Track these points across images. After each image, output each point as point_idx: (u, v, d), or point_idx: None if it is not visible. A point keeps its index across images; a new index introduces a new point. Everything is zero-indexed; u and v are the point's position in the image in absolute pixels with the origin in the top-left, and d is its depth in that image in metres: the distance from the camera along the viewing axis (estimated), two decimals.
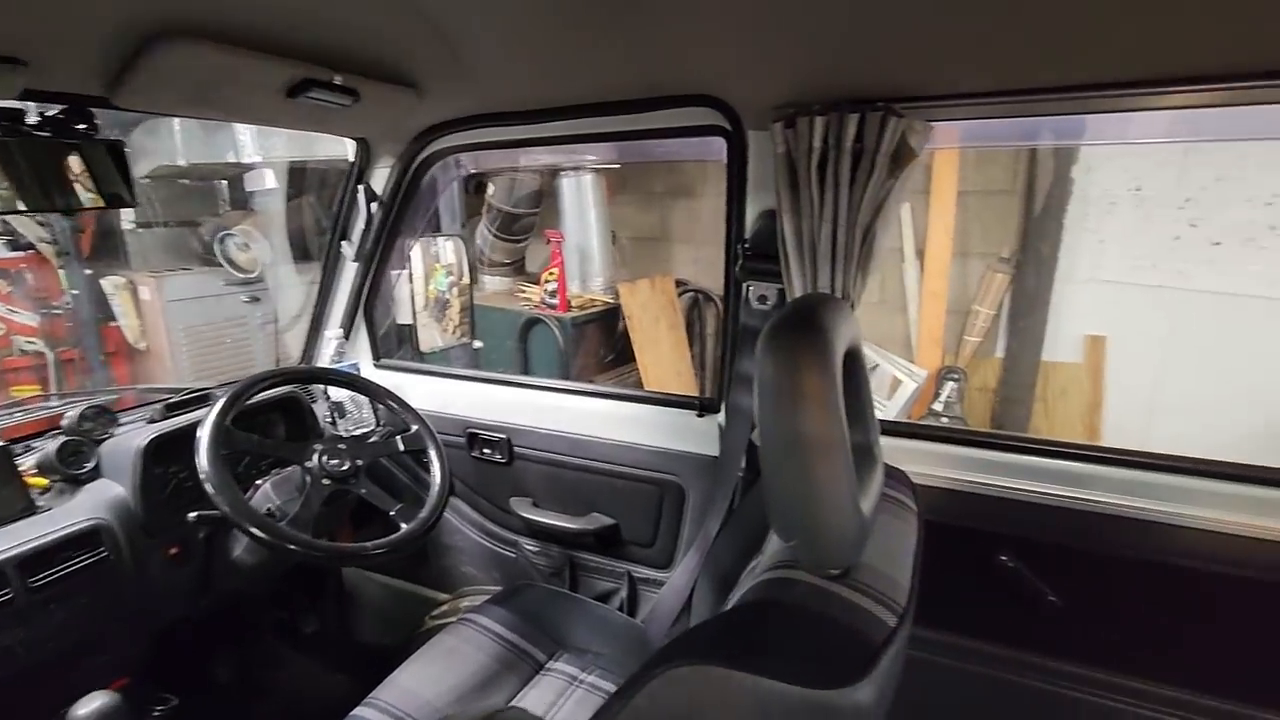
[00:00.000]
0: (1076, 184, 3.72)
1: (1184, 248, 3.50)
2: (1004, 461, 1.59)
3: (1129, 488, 1.48)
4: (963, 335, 4.07)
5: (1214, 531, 1.41)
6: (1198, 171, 3.42)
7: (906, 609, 0.96)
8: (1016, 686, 1.63)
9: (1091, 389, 3.72)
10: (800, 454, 0.87)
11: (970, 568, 1.62)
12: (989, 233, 3.94)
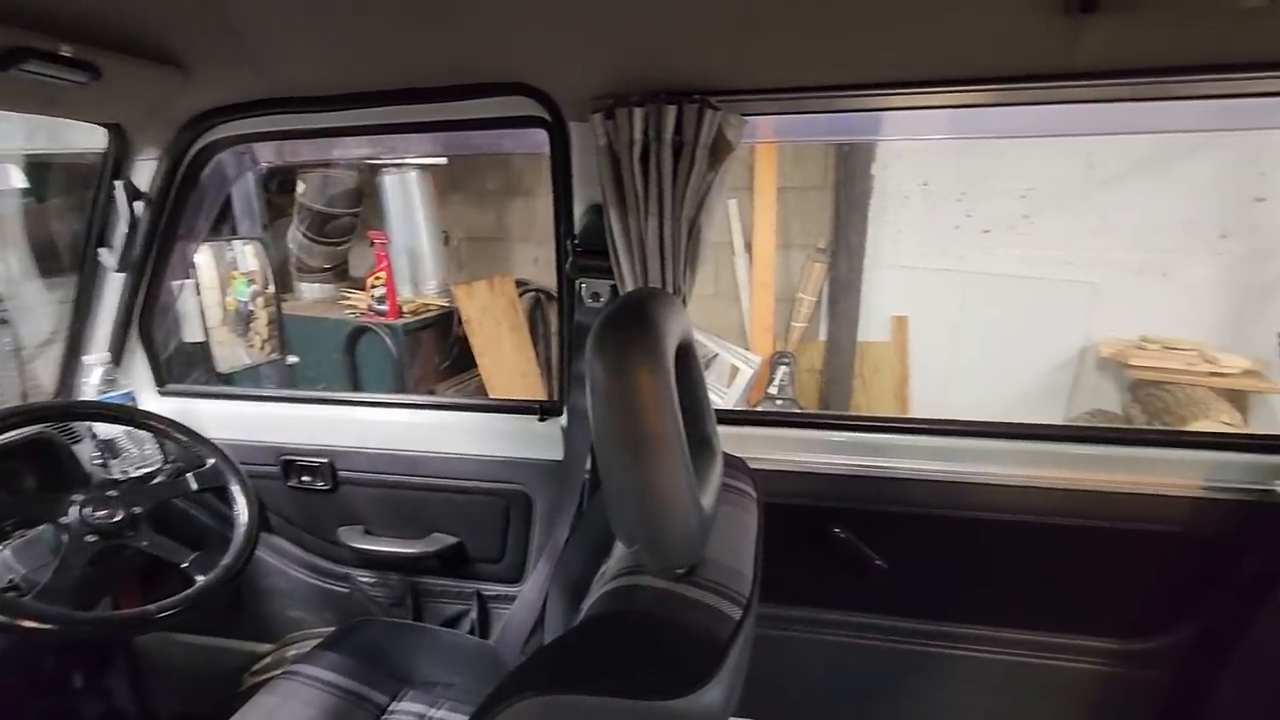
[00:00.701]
0: (876, 180, 4.12)
1: (963, 235, 4.01)
2: (831, 440, 1.69)
3: (935, 453, 1.63)
4: (790, 322, 4.36)
5: (1002, 485, 1.59)
6: (969, 168, 3.93)
7: (750, 599, 0.96)
8: (858, 647, 1.75)
9: (899, 364, 4.15)
10: (636, 454, 0.84)
11: (809, 543, 1.71)
12: (807, 225, 4.25)
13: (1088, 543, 1.58)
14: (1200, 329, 3.63)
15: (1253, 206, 3.49)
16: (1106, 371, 3.75)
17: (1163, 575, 1.59)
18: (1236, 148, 3.49)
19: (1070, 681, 1.67)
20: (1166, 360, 3.47)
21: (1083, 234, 3.77)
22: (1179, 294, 3.68)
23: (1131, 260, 3.74)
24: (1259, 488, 1.47)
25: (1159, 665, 1.62)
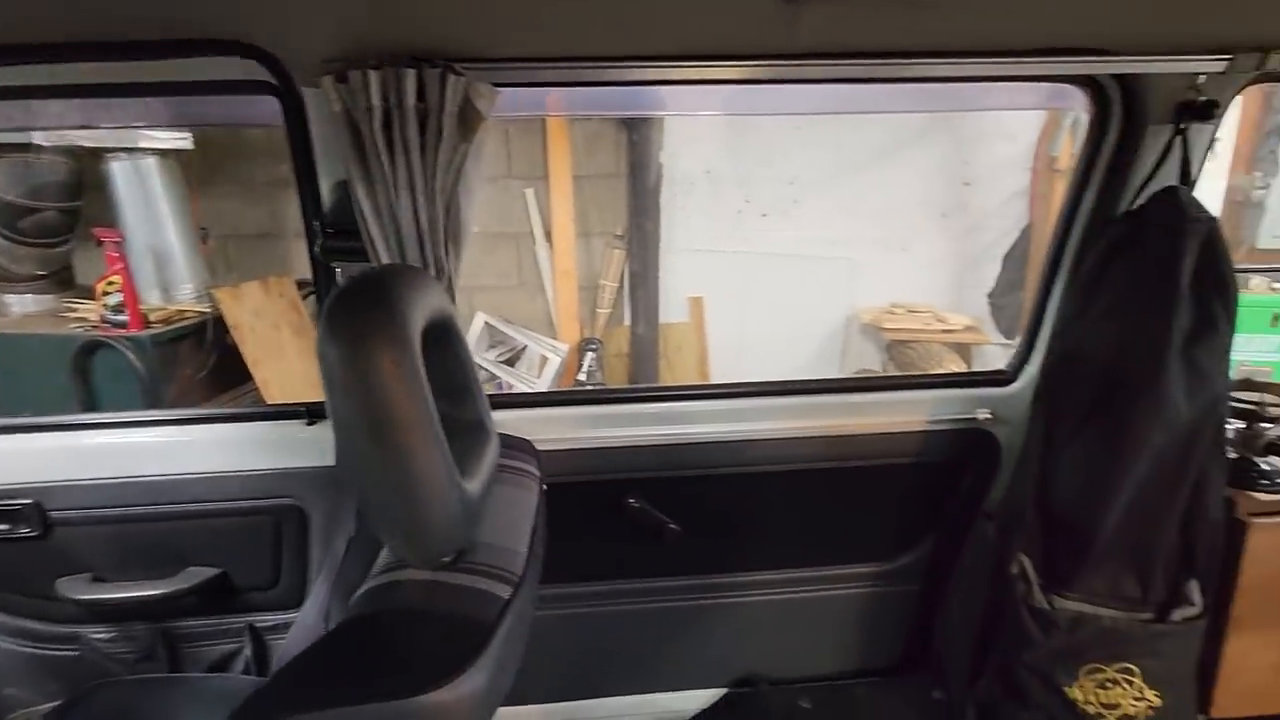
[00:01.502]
0: (666, 167, 4.31)
1: (745, 219, 4.34)
2: (625, 413, 1.72)
3: (716, 416, 1.73)
4: (595, 308, 4.42)
5: (774, 439, 1.73)
6: (745, 156, 4.26)
7: (524, 575, 0.94)
8: (658, 611, 1.82)
9: (698, 342, 4.41)
10: (382, 443, 0.77)
11: (608, 516, 1.74)
12: (605, 213, 4.33)
13: (845, 481, 1.78)
14: (933, 294, 4.29)
15: (962, 190, 4.19)
16: (868, 335, 4.30)
17: (905, 501, 1.84)
18: (949, 138, 4.16)
19: (842, 606, 1.88)
20: (910, 322, 4.06)
21: (840, 215, 4.27)
22: (917, 265, 4.31)
23: (879, 238, 4.31)
24: (967, 417, 1.75)
25: (908, 579, 1.88)
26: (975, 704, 1.62)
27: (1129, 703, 1.43)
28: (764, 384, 1.77)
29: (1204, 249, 1.35)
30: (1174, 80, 1.38)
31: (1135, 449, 1.37)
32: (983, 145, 4.17)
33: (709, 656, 1.90)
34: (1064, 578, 1.49)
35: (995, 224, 4.19)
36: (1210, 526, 1.44)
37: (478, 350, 4.22)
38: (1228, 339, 1.37)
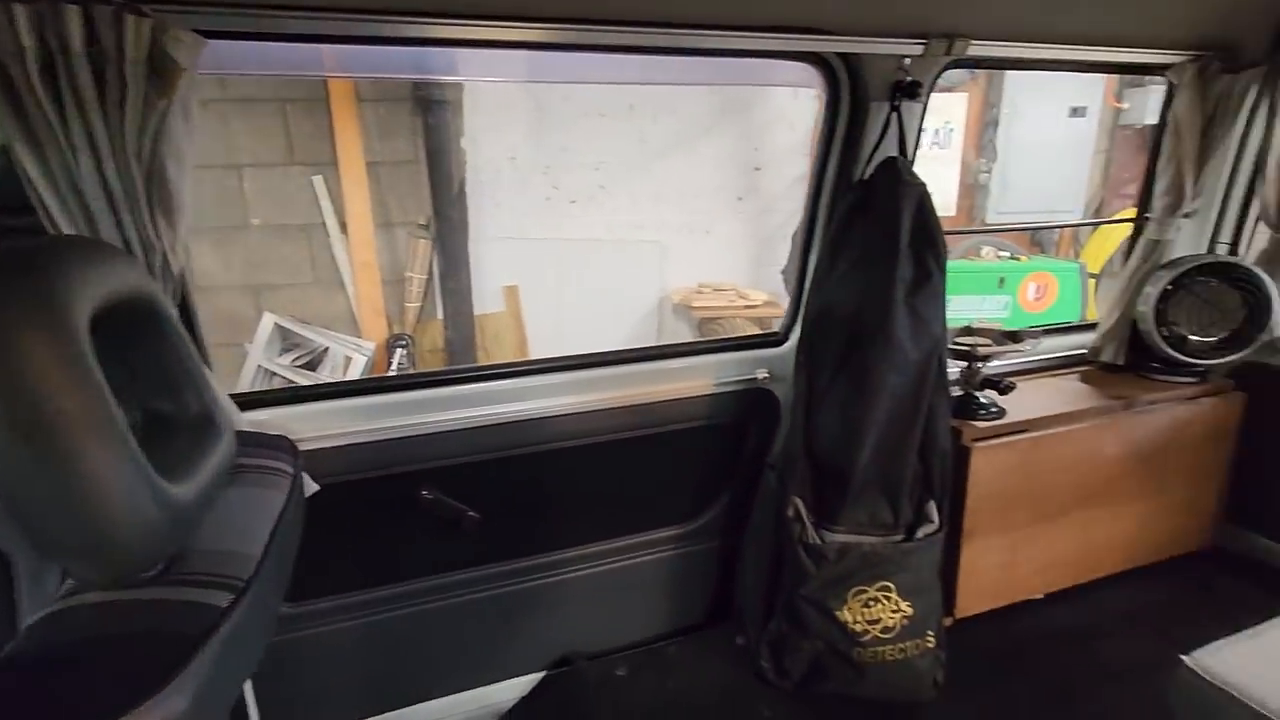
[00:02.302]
0: (468, 154, 4.16)
1: (554, 206, 4.33)
2: (414, 400, 1.62)
3: (512, 395, 1.68)
4: (404, 302, 4.17)
5: (572, 414, 1.72)
6: (549, 142, 4.24)
7: (254, 578, 0.84)
8: (469, 603, 1.74)
9: (517, 331, 4.33)
10: (32, 442, 0.63)
11: (402, 512, 1.64)
12: (405, 202, 4.09)
13: (642, 449, 1.83)
14: (735, 273, 4.58)
15: (753, 175, 4.51)
16: (680, 315, 4.49)
17: (699, 462, 1.93)
18: (739, 127, 4.45)
19: (650, 571, 1.93)
20: (716, 300, 4.30)
21: (647, 202, 4.40)
22: (719, 247, 4.57)
23: (684, 222, 4.51)
24: (748, 378, 1.87)
25: (708, 537, 1.97)
26: (768, 642, 1.74)
27: (888, 615, 1.62)
28: (555, 360, 1.76)
29: (918, 210, 1.54)
30: (886, 62, 1.56)
31: (876, 392, 1.54)
32: (769, 133, 4.51)
33: (525, 642, 1.87)
34: (831, 514, 1.64)
35: (783, 206, 4.56)
36: (941, 453, 1.66)
37: (268, 355, 3.80)
38: (941, 288, 1.59)
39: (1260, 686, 1.27)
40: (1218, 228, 2.19)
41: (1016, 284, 4.14)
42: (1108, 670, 1.80)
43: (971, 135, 4.83)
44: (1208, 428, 2.12)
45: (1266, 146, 1.95)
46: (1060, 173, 4.91)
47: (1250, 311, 2.01)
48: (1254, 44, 1.88)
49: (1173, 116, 1.95)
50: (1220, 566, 2.20)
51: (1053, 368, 2.26)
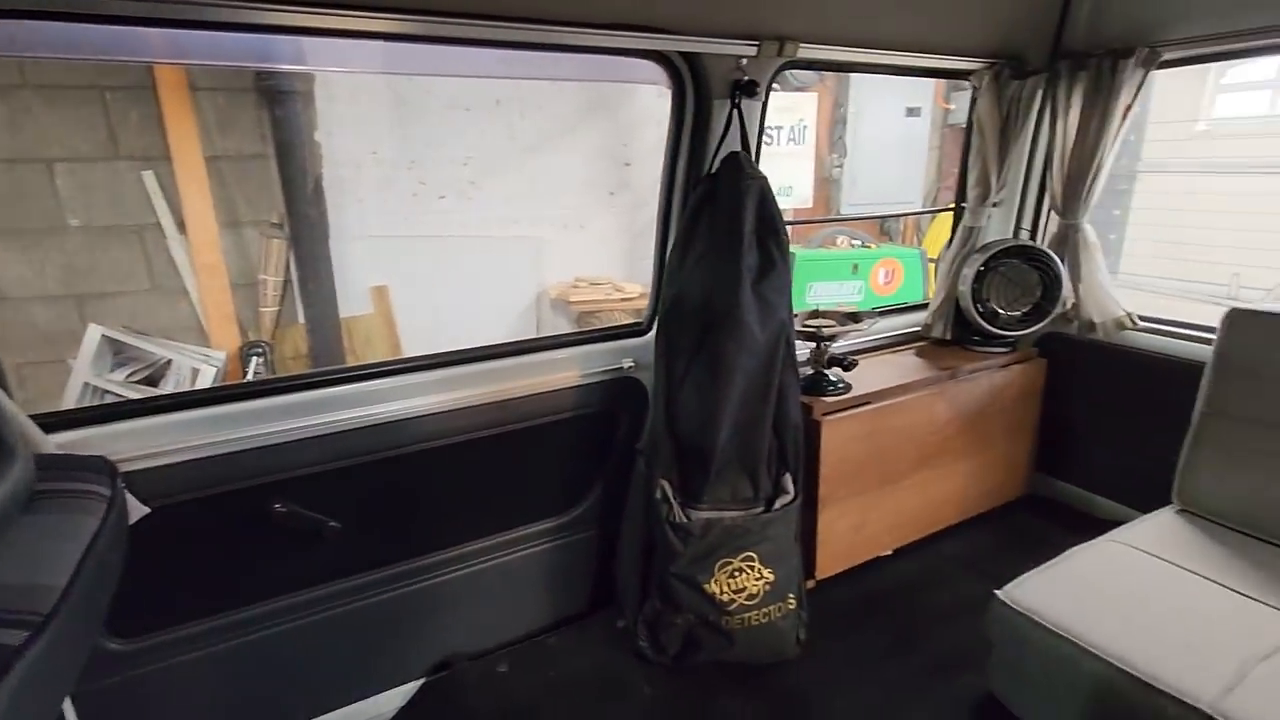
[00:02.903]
0: (324, 148, 3.92)
1: (422, 202, 4.18)
2: (264, 408, 1.52)
3: (372, 397, 1.63)
4: (259, 308, 3.88)
5: (438, 412, 1.69)
6: (414, 137, 4.09)
7: (54, 613, 0.77)
8: (338, 617, 1.67)
9: (388, 333, 4.15)
10: None
11: (254, 528, 1.54)
12: (253, 199, 3.79)
13: (515, 443, 1.83)
14: (611, 266, 4.64)
15: (624, 170, 4.58)
16: (558, 309, 4.49)
17: (573, 453, 1.95)
18: (608, 124, 4.50)
19: (529, 565, 1.94)
20: (593, 294, 4.34)
21: (519, 197, 4.36)
22: (594, 241, 4.61)
23: (558, 217, 4.50)
24: (615, 367, 1.91)
25: (586, 526, 2.01)
26: (645, 622, 1.81)
27: (752, 583, 1.72)
28: (420, 358, 1.72)
29: (760, 202, 1.65)
30: (724, 62, 1.65)
31: (729, 374, 1.63)
32: (638, 131, 4.60)
33: (402, 650, 1.81)
34: (696, 493, 1.72)
35: (655, 200, 4.67)
36: (794, 428, 1.78)
37: (97, 370, 3.41)
38: (786, 275, 1.70)
39: (1053, 608, 1.48)
40: (1020, 215, 2.49)
41: (868, 270, 4.49)
42: (944, 612, 2.02)
43: (823, 133, 5.18)
44: (1019, 390, 2.42)
45: (1051, 144, 2.24)
46: (901, 168, 5.37)
47: (1046, 288, 2.31)
48: (1036, 55, 2.17)
49: (976, 117, 2.21)
50: (1033, 511, 2.52)
51: (891, 345, 2.49)
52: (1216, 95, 4.61)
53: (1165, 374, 2.07)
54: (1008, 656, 1.59)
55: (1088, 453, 2.45)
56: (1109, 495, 2.38)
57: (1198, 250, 4.49)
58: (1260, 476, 1.70)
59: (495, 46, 1.51)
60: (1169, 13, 1.98)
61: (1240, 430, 1.76)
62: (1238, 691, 1.24)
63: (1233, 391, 1.77)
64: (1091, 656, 1.37)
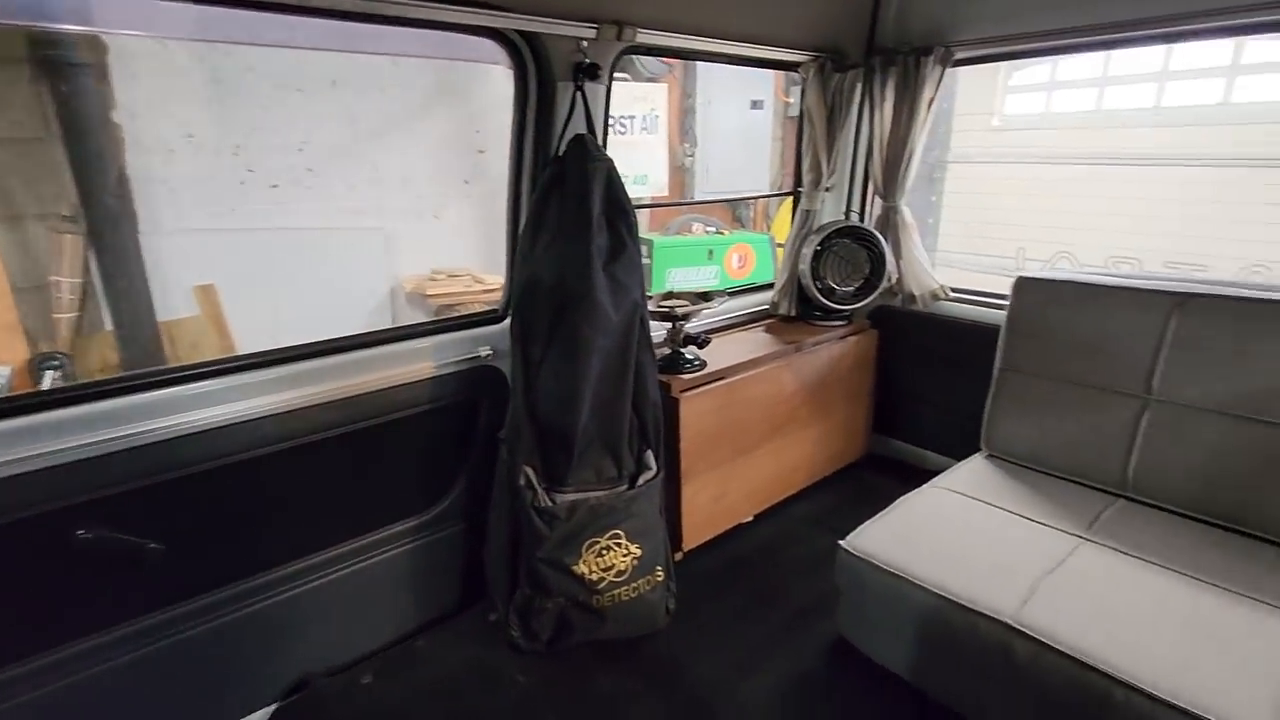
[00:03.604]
0: (126, 131, 3.46)
1: (251, 191, 3.81)
2: (58, 420, 1.32)
3: (200, 400, 1.47)
4: (52, 314, 3.36)
5: (277, 414, 1.55)
6: (236, 120, 3.71)
7: None
8: (170, 649, 1.49)
9: (219, 336, 3.75)
10: None
11: (49, 563, 1.34)
12: (37, 189, 3.27)
13: (369, 442, 1.73)
14: (469, 258, 4.51)
15: (478, 158, 4.45)
16: (415, 303, 4.29)
17: (433, 447, 1.88)
18: (458, 110, 4.34)
19: (392, 568, 1.84)
20: (452, 286, 4.19)
21: (363, 185, 4.10)
22: (449, 232, 4.45)
23: (409, 207, 4.29)
24: (473, 356, 1.86)
25: (452, 521, 1.94)
26: (515, 611, 1.78)
27: (620, 560, 1.76)
28: (252, 356, 1.57)
29: (607, 184, 1.67)
30: (565, 43, 1.65)
31: (586, 355, 1.65)
32: (491, 116, 4.47)
33: (252, 676, 1.66)
34: (560, 476, 1.72)
35: None
36: (653, 405, 1.83)
37: None
38: (636, 256, 1.74)
39: (886, 551, 1.64)
40: (849, 198, 2.71)
41: (723, 255, 4.70)
42: (799, 568, 2.17)
43: (674, 123, 5.33)
44: (856, 360, 2.64)
45: (871, 133, 2.46)
46: (749, 157, 5.66)
47: (873, 264, 2.54)
48: (854, 50, 2.36)
49: (806, 107, 2.37)
50: (873, 469, 2.77)
51: (742, 323, 2.62)
52: (1006, 95, 5.29)
53: (973, 338, 2.35)
54: (853, 600, 1.74)
55: (916, 412, 2.73)
56: (935, 449, 2.67)
57: (996, 229, 5.16)
58: (1045, 421, 1.99)
59: (319, 15, 1.41)
60: (960, 16, 2.23)
61: (1029, 382, 2.03)
62: (1031, 603, 1.44)
63: (1021, 349, 2.05)
64: (919, 589, 1.53)
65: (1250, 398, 1.65)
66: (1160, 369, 1.79)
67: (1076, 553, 1.61)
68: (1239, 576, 1.50)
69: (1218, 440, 1.70)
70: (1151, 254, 4.49)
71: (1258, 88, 4.22)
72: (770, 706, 1.66)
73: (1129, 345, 1.83)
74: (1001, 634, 1.40)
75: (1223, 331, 1.69)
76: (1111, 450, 1.87)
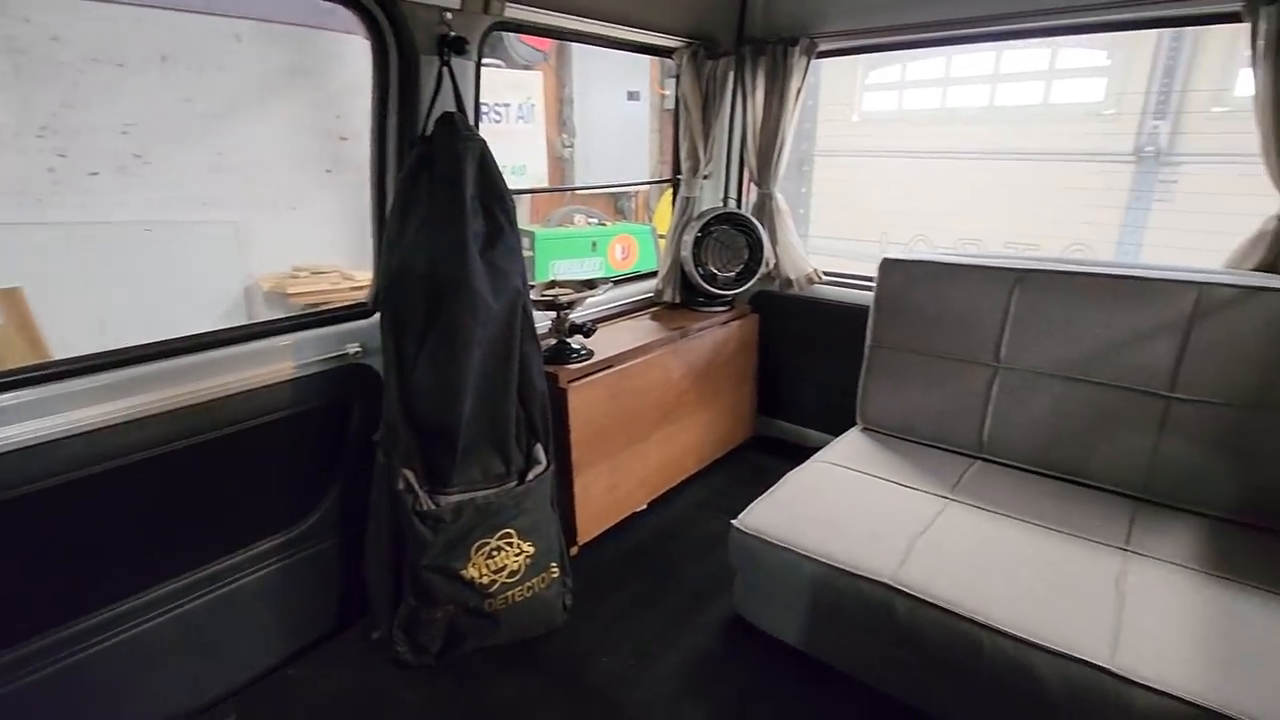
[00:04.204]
0: None
1: (65, 179, 3.32)
2: None
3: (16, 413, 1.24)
4: None
5: (119, 423, 1.35)
6: (43, 97, 3.21)
7: None
8: None
9: (27, 347, 3.24)
10: None
11: None
12: None
13: (221, 454, 1.53)
14: (337, 252, 4.19)
15: (340, 145, 4.14)
16: (274, 303, 3.92)
17: (299, 455, 1.71)
18: (314, 92, 4.01)
19: (258, 591, 1.65)
20: (317, 284, 3.87)
21: (208, 173, 3.69)
22: (312, 224, 4.10)
23: (262, 197, 3.91)
24: (339, 354, 1.71)
25: (326, 534, 1.77)
26: (400, 625, 1.67)
27: (512, 560, 1.68)
28: (69, 361, 1.35)
29: (480, 165, 1.58)
30: (428, 14, 1.54)
31: (466, 346, 1.55)
32: (352, 99, 4.16)
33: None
34: (444, 478, 1.62)
35: None
36: (540, 397, 1.76)
37: None
38: (515, 242, 1.66)
39: (776, 526, 1.68)
40: (726, 185, 2.77)
41: (606, 246, 4.68)
42: (693, 552, 2.19)
43: (551, 112, 5.24)
44: (740, 344, 2.70)
45: (744, 121, 2.51)
46: (628, 148, 5.67)
47: (752, 250, 2.60)
48: (725, 38, 2.40)
49: (682, 94, 2.38)
50: (760, 449, 2.86)
51: (628, 312, 2.61)
52: (864, 93, 5.66)
53: (846, 319, 2.47)
54: (746, 577, 1.77)
55: (798, 392, 2.85)
56: (816, 426, 2.79)
57: (861, 217, 5.52)
58: (912, 392, 2.12)
59: None
60: (822, 9, 2.32)
61: (895, 357, 2.16)
62: (907, 563, 1.52)
63: (888, 326, 2.18)
64: (807, 559, 1.58)
65: (1079, 361, 1.84)
66: (1006, 339, 1.95)
67: (944, 513, 1.73)
68: (1076, 521, 1.68)
69: (1053, 401, 1.89)
70: (993, 236, 4.98)
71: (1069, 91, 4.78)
72: (674, 691, 1.65)
73: (980, 318, 1.99)
74: (884, 594, 1.48)
75: (1054, 303, 1.88)
76: (969, 416, 2.02)
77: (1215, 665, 1.22)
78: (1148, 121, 4.31)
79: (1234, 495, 1.66)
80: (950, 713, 1.49)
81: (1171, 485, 1.74)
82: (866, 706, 1.58)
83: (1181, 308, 1.70)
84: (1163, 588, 1.43)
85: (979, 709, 1.44)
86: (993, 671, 1.35)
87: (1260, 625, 1.32)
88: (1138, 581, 1.45)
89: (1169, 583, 1.45)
